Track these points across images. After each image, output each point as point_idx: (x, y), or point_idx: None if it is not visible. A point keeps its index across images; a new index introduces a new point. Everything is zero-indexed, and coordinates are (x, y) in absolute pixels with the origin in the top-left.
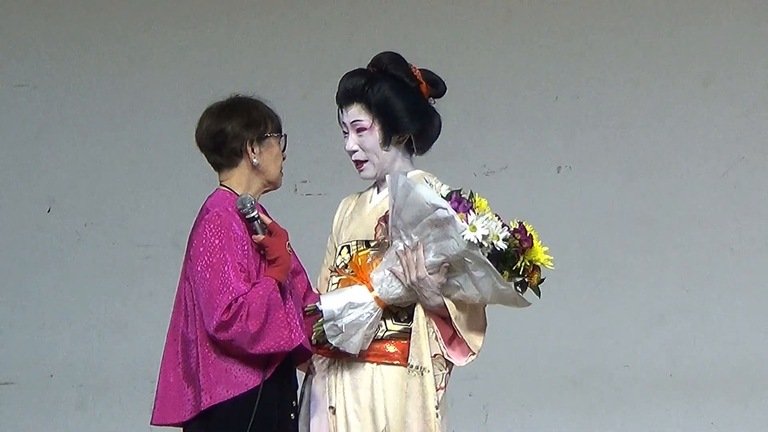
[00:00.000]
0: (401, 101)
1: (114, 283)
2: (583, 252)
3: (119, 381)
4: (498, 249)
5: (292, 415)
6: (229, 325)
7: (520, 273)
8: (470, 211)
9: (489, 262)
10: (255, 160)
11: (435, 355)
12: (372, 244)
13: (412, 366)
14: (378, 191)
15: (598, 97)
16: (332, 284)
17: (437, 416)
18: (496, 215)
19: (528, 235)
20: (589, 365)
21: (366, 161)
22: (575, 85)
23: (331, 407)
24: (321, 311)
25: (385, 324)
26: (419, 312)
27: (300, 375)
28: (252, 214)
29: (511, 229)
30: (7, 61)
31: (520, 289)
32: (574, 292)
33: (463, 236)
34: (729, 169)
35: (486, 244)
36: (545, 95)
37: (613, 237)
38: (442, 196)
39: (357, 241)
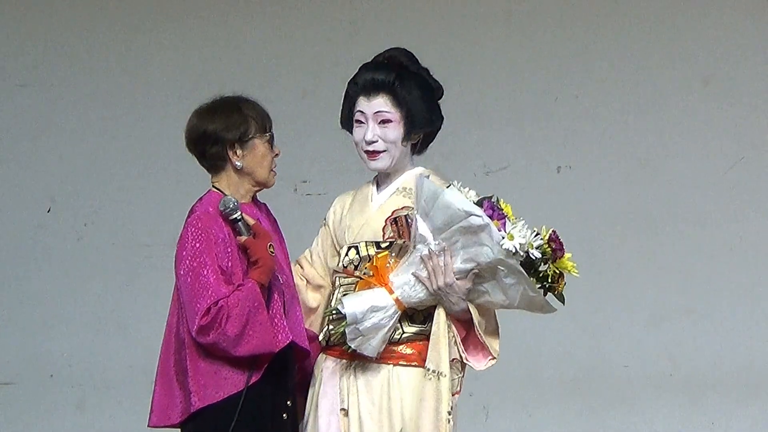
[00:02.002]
0: (428, 101)
1: (114, 283)
2: (582, 252)
3: (119, 381)
4: (532, 257)
5: (284, 415)
6: (209, 329)
7: (548, 280)
8: (506, 218)
9: (522, 270)
10: (238, 163)
11: (453, 360)
12: (383, 245)
13: (429, 369)
14: (378, 190)
15: (598, 96)
16: (340, 285)
17: (449, 421)
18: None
19: (561, 243)
20: (589, 365)
21: (384, 152)
22: (575, 85)
23: (342, 409)
24: (343, 314)
25: (402, 327)
26: (440, 316)
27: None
28: (235, 216)
29: (543, 237)
30: (7, 61)
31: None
32: (574, 292)
33: (502, 245)
34: (729, 169)
35: (521, 253)
36: (545, 95)
37: (613, 237)
38: (473, 202)
39: (366, 242)
